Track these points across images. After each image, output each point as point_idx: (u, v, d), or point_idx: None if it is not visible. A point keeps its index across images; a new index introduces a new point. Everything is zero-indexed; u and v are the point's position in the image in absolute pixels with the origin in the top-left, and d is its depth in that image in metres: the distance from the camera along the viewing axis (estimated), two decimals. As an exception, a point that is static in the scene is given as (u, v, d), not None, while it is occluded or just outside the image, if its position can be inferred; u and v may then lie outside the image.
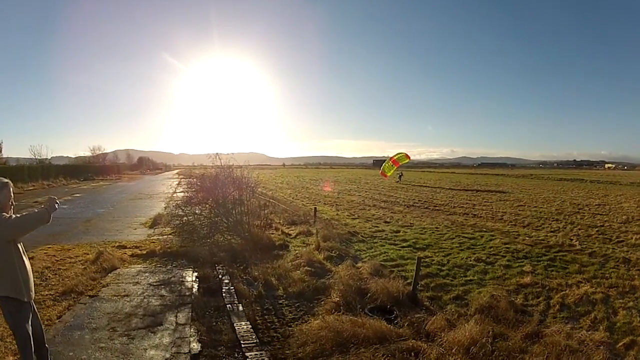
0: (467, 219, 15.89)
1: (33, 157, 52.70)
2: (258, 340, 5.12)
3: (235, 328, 5.42)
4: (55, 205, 3.80)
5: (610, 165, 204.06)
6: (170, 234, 11.15)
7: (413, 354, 4.65)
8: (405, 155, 36.01)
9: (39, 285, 7.05)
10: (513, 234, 12.62)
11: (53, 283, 7.26)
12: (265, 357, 4.74)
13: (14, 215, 3.70)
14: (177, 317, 5.84)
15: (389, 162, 36.02)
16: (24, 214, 3.74)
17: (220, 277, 7.82)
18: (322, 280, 7.39)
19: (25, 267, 3.76)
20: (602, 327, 5.63)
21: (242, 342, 5.04)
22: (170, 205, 13.58)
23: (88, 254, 9.28)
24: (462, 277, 8.04)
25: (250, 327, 5.48)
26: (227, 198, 10.84)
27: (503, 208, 19.90)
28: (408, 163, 38.82)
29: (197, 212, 11.37)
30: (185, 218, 11.07)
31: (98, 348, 4.79)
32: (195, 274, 8.04)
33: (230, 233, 10.58)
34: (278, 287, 7.26)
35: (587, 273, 8.32)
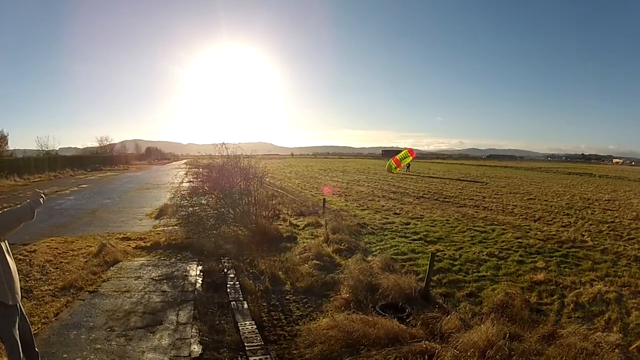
0: (477, 212, 15.68)
1: (40, 148, 52.73)
2: (263, 342, 4.86)
3: (240, 328, 5.17)
4: (40, 200, 3.57)
5: (618, 160, 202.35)
6: (176, 225, 10.98)
7: (427, 357, 4.44)
8: (409, 152, 37.10)
9: (39, 280, 6.92)
10: (525, 228, 12.44)
11: (53, 277, 7.09)
12: (271, 361, 4.49)
13: None
14: (178, 315, 5.62)
15: (393, 162, 36.90)
16: (4, 211, 3.50)
17: (226, 270, 7.59)
18: (331, 275, 7.14)
19: (10, 268, 3.50)
20: (616, 328, 5.55)
21: (246, 344, 4.78)
22: (177, 196, 13.40)
23: (91, 247, 9.12)
24: (474, 272, 7.86)
25: (255, 327, 5.21)
26: (234, 188, 10.61)
27: (513, 201, 19.64)
28: (418, 154, 39.13)
29: (203, 202, 11.16)
30: (191, 209, 10.87)
31: (94, 350, 4.58)
32: (200, 268, 7.83)
33: (237, 224, 10.37)
34: (285, 281, 7.05)
35: (599, 271, 8.19)
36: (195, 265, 8.00)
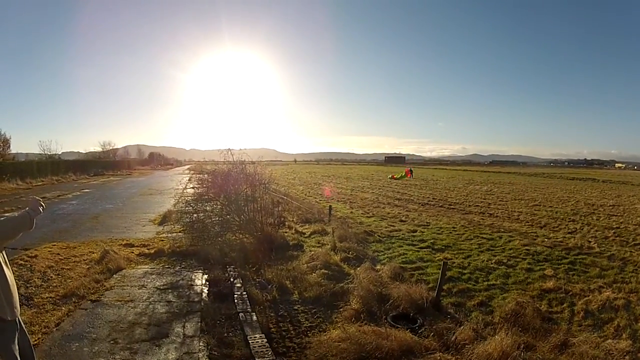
0: (483, 219, 15.56)
1: (42, 152, 52.76)
2: (275, 357, 4.67)
3: (249, 342, 4.96)
4: (40, 209, 3.37)
5: (621, 165, 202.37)
6: (180, 232, 10.85)
7: (442, 369, 4.30)
8: (406, 172, 44.66)
9: (40, 287, 6.77)
10: (531, 235, 12.32)
11: (55, 284, 6.94)
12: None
13: None
14: (184, 327, 5.43)
15: (391, 177, 43.41)
16: (0, 220, 3.26)
17: (232, 280, 7.42)
18: (340, 285, 6.94)
19: (7, 281, 3.23)
20: (625, 334, 5.46)
21: (256, 358, 4.59)
22: (180, 202, 13.29)
23: (93, 253, 8.98)
24: (484, 281, 7.75)
25: (266, 340, 5.00)
26: (239, 195, 10.47)
27: (518, 207, 19.53)
28: (419, 160, 41.68)
29: (207, 209, 11.01)
30: (196, 215, 10.70)
31: (97, 364, 4.40)
32: (205, 277, 7.67)
33: (242, 232, 10.21)
34: (293, 291, 6.88)
35: (607, 277, 8.13)
36: (201, 274, 7.84)
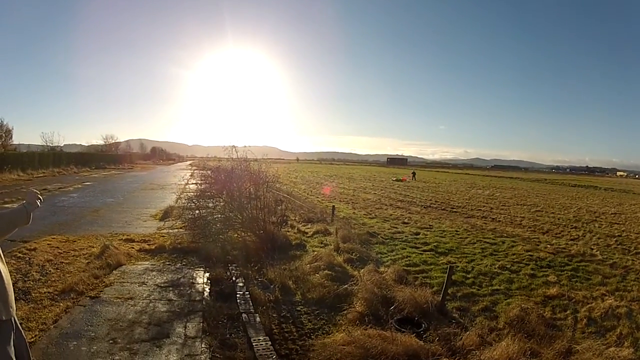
0: (486, 223, 15.56)
1: (44, 144, 52.74)
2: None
3: (253, 344, 4.80)
4: (37, 202, 3.22)
5: (622, 173, 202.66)
6: (181, 228, 10.74)
7: (448, 375, 4.22)
8: (403, 179, 46.29)
9: (38, 281, 6.60)
10: (534, 241, 12.30)
11: (53, 279, 6.75)
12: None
13: None
14: (186, 327, 5.27)
15: (401, 180, 45.20)
16: None
17: (234, 279, 7.31)
18: (344, 287, 6.80)
19: (3, 278, 3.01)
20: (627, 342, 5.44)
21: (261, 362, 4.45)
22: (182, 198, 13.18)
23: (93, 247, 8.86)
24: (488, 286, 7.69)
25: (270, 343, 4.85)
26: (242, 192, 10.36)
27: (521, 213, 19.55)
28: (421, 162, 42.32)
29: (210, 206, 10.92)
30: (198, 212, 10.60)
31: (95, 364, 4.26)
32: (207, 275, 7.54)
33: (245, 230, 10.10)
34: (296, 291, 6.78)
35: (609, 285, 8.12)
36: (202, 272, 7.71)
